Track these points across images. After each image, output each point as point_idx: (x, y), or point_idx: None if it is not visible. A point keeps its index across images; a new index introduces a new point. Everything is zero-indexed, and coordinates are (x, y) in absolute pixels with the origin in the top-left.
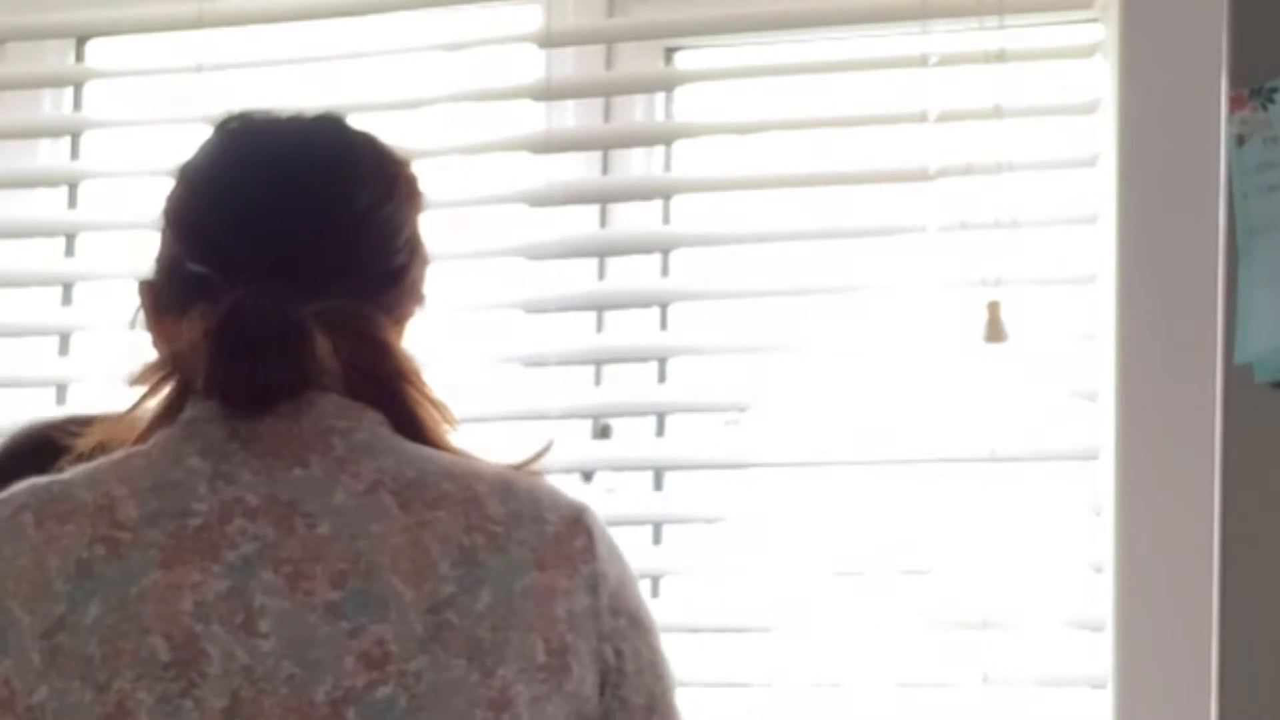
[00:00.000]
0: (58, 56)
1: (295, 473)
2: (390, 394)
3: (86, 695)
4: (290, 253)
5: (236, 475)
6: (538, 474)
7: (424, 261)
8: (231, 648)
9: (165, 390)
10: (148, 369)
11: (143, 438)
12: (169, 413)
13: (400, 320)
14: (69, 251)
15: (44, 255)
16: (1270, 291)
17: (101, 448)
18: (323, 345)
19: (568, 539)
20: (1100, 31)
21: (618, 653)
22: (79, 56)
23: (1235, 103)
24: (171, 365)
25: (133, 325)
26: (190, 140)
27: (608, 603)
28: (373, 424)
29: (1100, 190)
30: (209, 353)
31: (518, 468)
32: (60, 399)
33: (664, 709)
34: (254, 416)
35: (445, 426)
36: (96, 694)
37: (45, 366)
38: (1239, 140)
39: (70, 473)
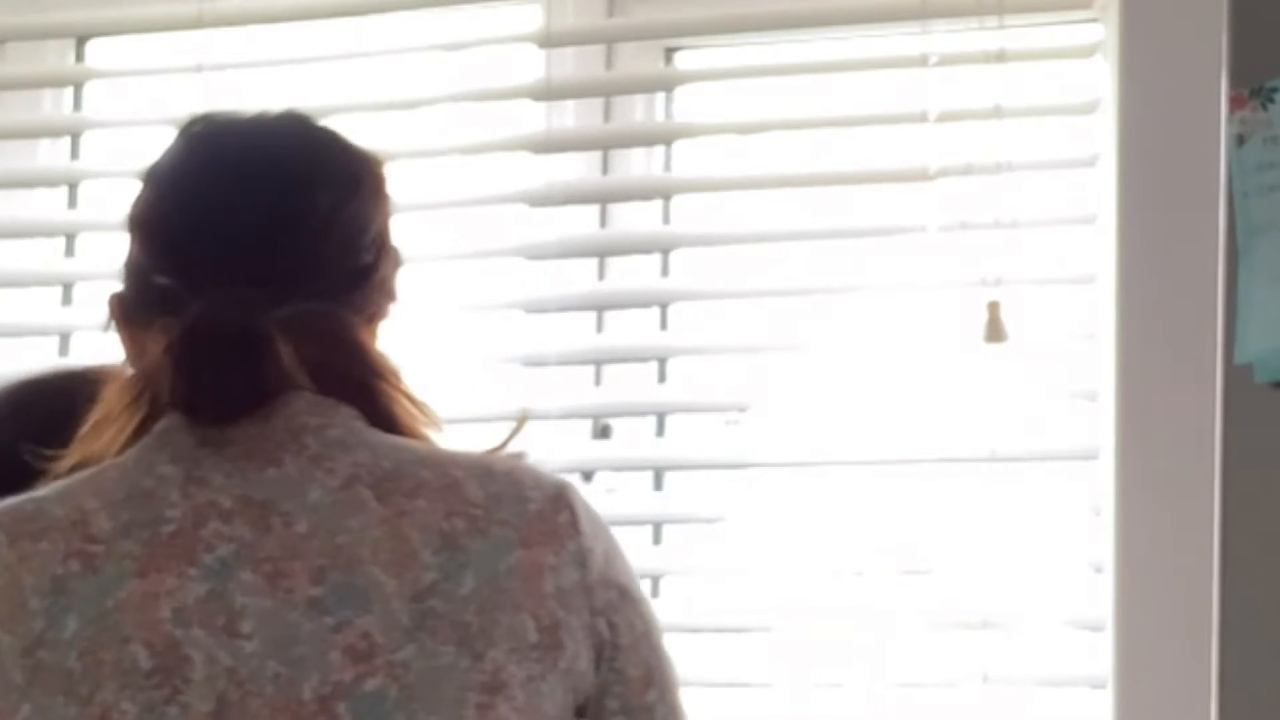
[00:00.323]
0: (58, 56)
1: (269, 472)
2: (365, 392)
3: (70, 710)
4: (254, 257)
5: (208, 479)
6: (518, 456)
7: (394, 258)
8: (214, 651)
9: (141, 404)
10: (123, 384)
11: (120, 453)
12: (144, 426)
13: (372, 319)
14: (69, 251)
15: (44, 255)
16: (1270, 291)
17: (79, 467)
18: (286, 352)
19: (551, 515)
20: (1100, 31)
21: (611, 626)
22: (79, 56)
23: (1235, 103)
24: (143, 380)
25: (105, 329)
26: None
27: (598, 576)
28: (346, 419)
29: (1100, 190)
30: (171, 369)
31: (495, 451)
32: None
33: (661, 679)
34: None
35: (425, 424)
36: (80, 707)
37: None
38: (1239, 140)
39: (45, 490)
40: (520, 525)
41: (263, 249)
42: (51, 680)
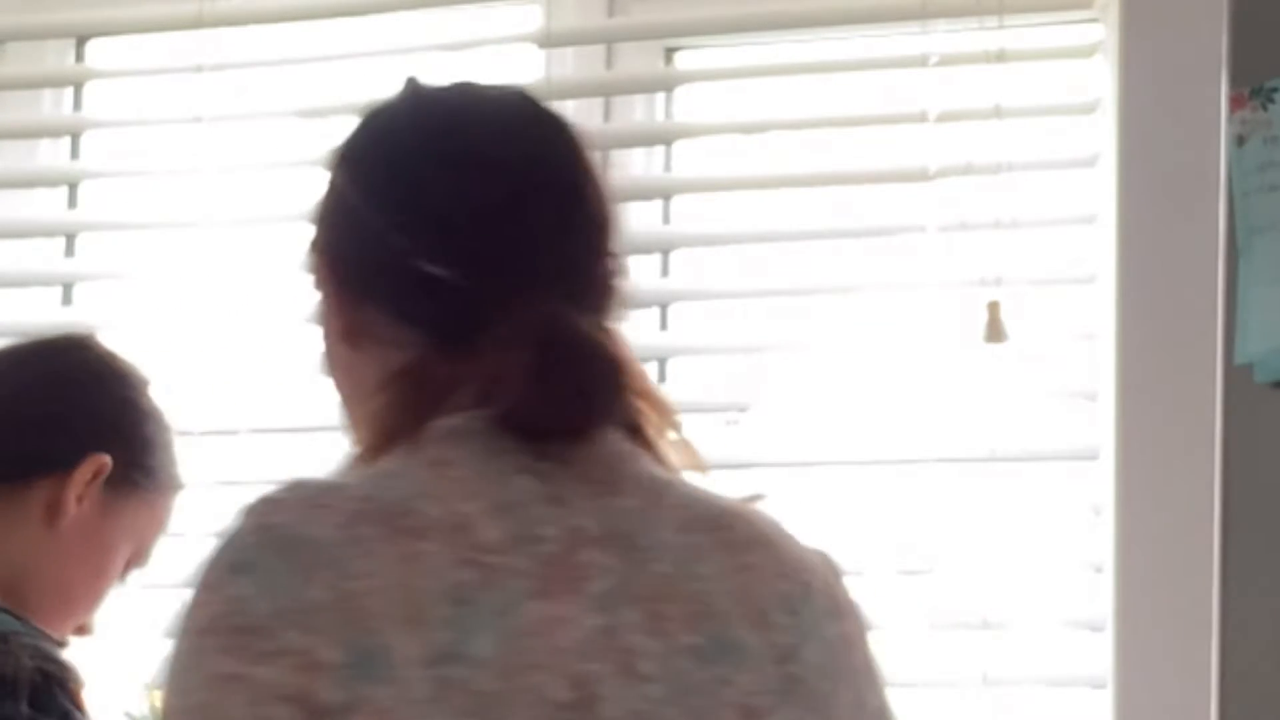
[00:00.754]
0: (58, 56)
1: (620, 502)
2: (633, 417)
3: None
4: (551, 263)
5: (567, 499)
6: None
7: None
8: (622, 692)
9: (398, 398)
10: (392, 382)
11: (376, 450)
12: (412, 424)
13: None
14: (69, 251)
15: (44, 255)
16: (1270, 291)
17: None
18: (629, 371)
19: (835, 583)
20: (1100, 31)
21: (875, 693)
22: (79, 56)
23: (1235, 103)
24: (410, 380)
25: (314, 316)
26: (190, 140)
27: (870, 648)
28: (637, 448)
29: (1100, 190)
30: (529, 386)
31: (753, 500)
32: None
33: None
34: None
35: (692, 465)
36: None
37: None
38: (1239, 140)
39: (365, 480)
40: (826, 594)
41: (549, 251)
42: (461, 701)
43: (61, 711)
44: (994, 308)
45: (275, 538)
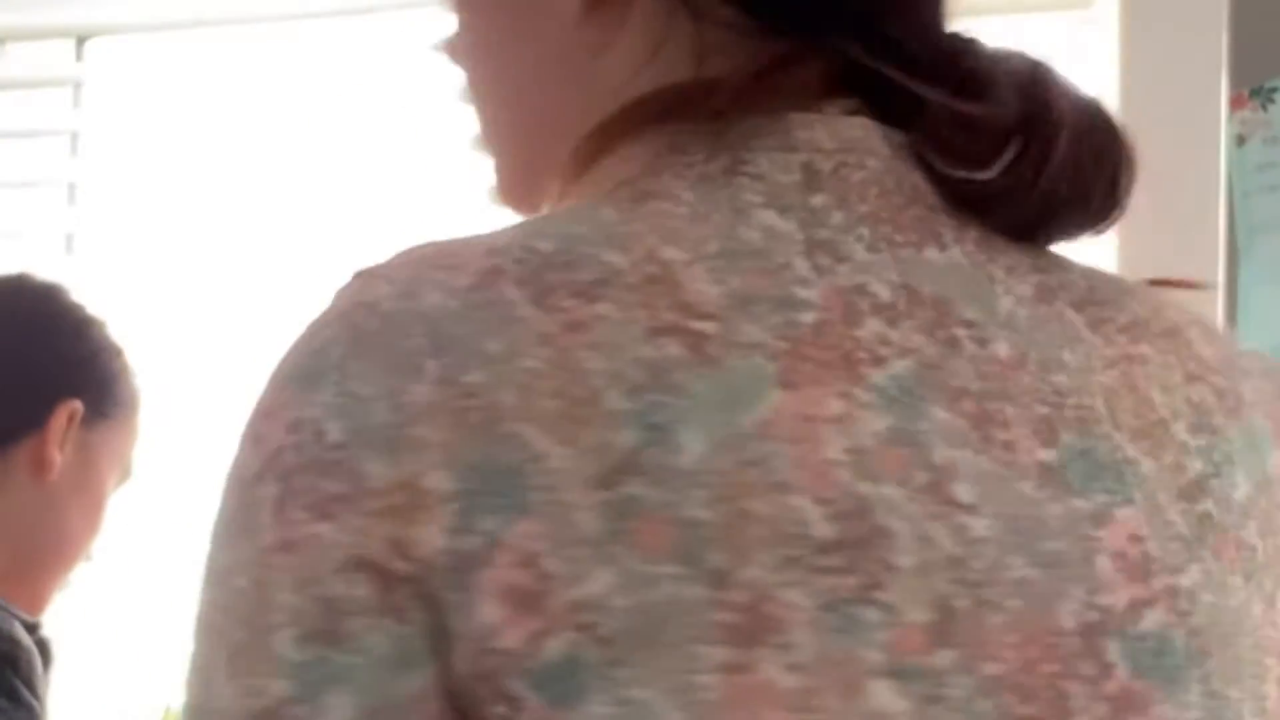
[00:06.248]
0: (58, 56)
1: (929, 254)
2: None
3: (691, 589)
4: None
5: (844, 248)
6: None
7: None
8: (926, 526)
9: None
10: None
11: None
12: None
13: None
14: (68, 251)
15: (42, 256)
16: (1270, 291)
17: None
18: None
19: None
20: (1100, 31)
21: None
22: (79, 56)
23: (1235, 103)
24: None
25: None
26: (190, 141)
27: None
28: None
29: None
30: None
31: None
32: None
33: None
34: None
35: None
36: (711, 588)
37: None
38: (1239, 140)
39: (521, 227)
40: (1269, 410)
41: None
42: (654, 534)
43: (8, 689)
44: None
45: (364, 322)
